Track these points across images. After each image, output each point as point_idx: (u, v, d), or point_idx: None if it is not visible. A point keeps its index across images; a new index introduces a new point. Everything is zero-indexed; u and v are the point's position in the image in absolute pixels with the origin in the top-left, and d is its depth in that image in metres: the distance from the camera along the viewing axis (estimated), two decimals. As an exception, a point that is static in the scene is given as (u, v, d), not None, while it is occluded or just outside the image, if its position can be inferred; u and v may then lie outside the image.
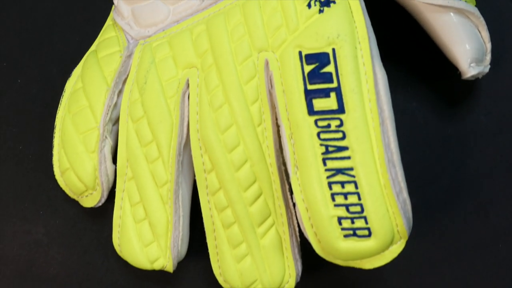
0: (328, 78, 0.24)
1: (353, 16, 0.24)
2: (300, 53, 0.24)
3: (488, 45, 0.28)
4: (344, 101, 0.23)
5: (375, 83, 0.23)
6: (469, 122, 0.30)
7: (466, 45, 0.27)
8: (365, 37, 0.24)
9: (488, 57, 0.28)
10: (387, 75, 0.24)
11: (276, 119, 0.25)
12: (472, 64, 0.28)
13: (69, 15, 0.33)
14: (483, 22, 0.28)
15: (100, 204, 0.28)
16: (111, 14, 0.31)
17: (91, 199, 0.28)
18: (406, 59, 0.31)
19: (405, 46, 0.31)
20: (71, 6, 0.33)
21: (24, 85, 0.32)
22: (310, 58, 0.24)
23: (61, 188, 0.29)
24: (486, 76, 0.29)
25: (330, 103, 0.23)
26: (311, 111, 0.24)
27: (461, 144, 0.30)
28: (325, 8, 0.24)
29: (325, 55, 0.24)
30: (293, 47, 0.24)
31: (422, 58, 0.31)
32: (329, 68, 0.24)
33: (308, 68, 0.24)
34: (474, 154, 0.30)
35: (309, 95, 0.24)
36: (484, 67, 0.28)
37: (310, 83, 0.24)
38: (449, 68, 0.29)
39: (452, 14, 0.27)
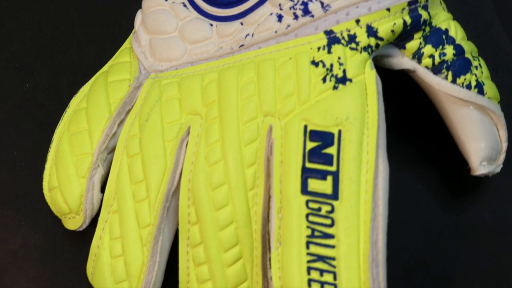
0: (328, 160, 0.23)
1: (367, 99, 0.23)
2: (305, 127, 0.23)
3: (504, 145, 0.27)
4: (340, 188, 0.22)
5: (375, 175, 0.22)
6: (471, 216, 0.29)
7: (481, 142, 0.26)
8: (375, 124, 0.23)
9: (502, 157, 0.27)
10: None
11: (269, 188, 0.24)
12: (483, 163, 0.26)
13: (88, 28, 0.32)
14: (504, 121, 0.27)
15: (81, 229, 0.28)
16: (130, 37, 0.30)
17: (73, 222, 0.28)
18: (420, 139, 0.30)
19: (421, 127, 0.30)
20: (93, 19, 0.32)
21: (31, 90, 0.32)
22: (314, 135, 0.23)
23: (47, 203, 0.28)
24: (497, 174, 0.28)
25: (325, 186, 0.23)
26: (304, 190, 0.23)
27: (458, 237, 0.29)
28: (340, 86, 0.24)
29: (330, 135, 0.23)
30: (300, 120, 0.24)
31: (436, 141, 0.30)
32: (331, 150, 0.23)
33: (310, 145, 0.23)
34: (469, 250, 0.29)
35: (306, 173, 0.23)
36: (496, 167, 0.27)
37: (309, 161, 0.23)
38: (461, 157, 0.28)
39: (472, 108, 0.26)
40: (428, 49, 0.26)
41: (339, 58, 0.24)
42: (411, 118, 0.30)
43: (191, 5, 0.28)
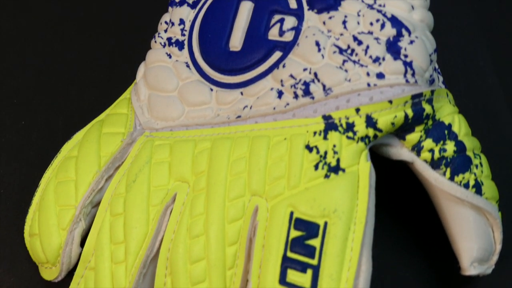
0: (310, 252, 0.22)
1: (358, 192, 0.23)
2: (291, 214, 0.23)
3: (498, 247, 0.26)
4: (319, 283, 0.22)
5: (356, 275, 0.22)
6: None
7: (474, 243, 0.25)
8: (363, 220, 0.22)
9: (495, 258, 0.26)
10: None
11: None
12: (474, 264, 0.26)
13: (92, 71, 0.32)
14: (500, 223, 0.26)
15: (56, 281, 0.27)
16: (131, 86, 0.30)
17: (49, 273, 0.27)
18: (413, 228, 0.29)
19: (414, 215, 0.30)
20: (97, 63, 0.32)
21: (26, 127, 0.31)
22: (299, 223, 0.22)
23: (26, 247, 0.28)
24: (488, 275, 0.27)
25: (304, 279, 0.22)
26: (282, 280, 0.22)
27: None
28: (332, 175, 0.23)
29: (315, 226, 0.22)
30: (287, 205, 0.23)
31: (429, 232, 0.29)
32: (315, 242, 0.22)
33: (294, 234, 0.22)
34: None
35: (286, 263, 0.22)
36: (487, 268, 0.26)
37: (291, 251, 0.22)
38: (453, 252, 0.27)
39: (468, 207, 0.25)
40: (428, 143, 0.25)
41: (334, 146, 0.23)
42: (405, 205, 0.30)
43: (194, 67, 0.27)
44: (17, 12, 0.33)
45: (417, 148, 0.25)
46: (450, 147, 0.25)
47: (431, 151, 0.25)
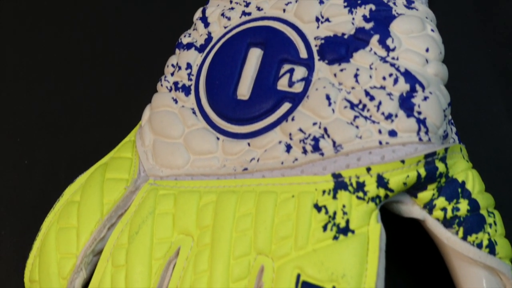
0: (317, 320, 0.21)
1: (367, 256, 0.22)
2: (298, 276, 0.22)
3: (510, 306, 0.25)
4: None
5: None
6: None
7: (485, 304, 0.25)
8: (372, 286, 0.21)
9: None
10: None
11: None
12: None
13: (96, 111, 0.31)
14: (513, 283, 0.25)
15: (55, 329, 0.26)
16: (136, 128, 0.29)
17: (49, 321, 0.27)
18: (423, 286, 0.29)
19: (426, 273, 0.29)
20: (102, 103, 0.32)
21: (29, 167, 0.31)
22: (306, 287, 0.22)
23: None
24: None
25: None
26: None
27: None
28: (341, 236, 0.22)
29: (323, 291, 0.21)
30: (294, 267, 0.22)
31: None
32: (322, 308, 0.21)
33: (300, 298, 0.22)
34: None
35: (292, 329, 0.21)
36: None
37: (297, 316, 0.21)
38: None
39: (481, 268, 0.25)
40: (441, 202, 0.24)
41: (343, 206, 0.22)
42: (415, 262, 0.29)
43: (200, 113, 0.27)
44: (22, 50, 0.32)
45: (429, 206, 0.24)
46: (463, 205, 0.24)
47: (444, 209, 0.24)
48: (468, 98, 0.30)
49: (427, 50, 0.25)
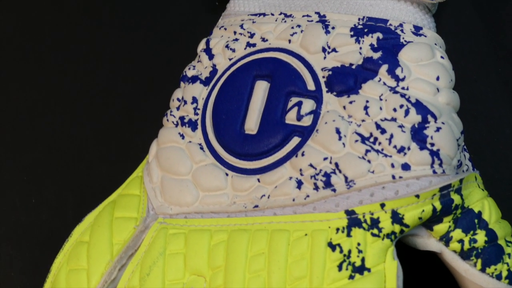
0: None
1: (384, 294, 0.21)
2: (315, 318, 0.21)
3: None
4: None
5: None
6: None
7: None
8: (390, 326, 0.21)
9: None
10: None
11: None
12: None
13: (103, 146, 0.31)
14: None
15: None
16: (143, 163, 0.29)
17: None
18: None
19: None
20: (108, 137, 0.31)
21: (36, 206, 0.30)
22: (323, 331, 0.21)
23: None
24: None
25: None
26: None
27: None
28: (357, 276, 0.22)
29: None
30: (310, 308, 0.22)
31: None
32: None
33: None
34: None
35: None
36: None
37: None
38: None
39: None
40: (457, 234, 0.23)
41: (358, 244, 0.22)
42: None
43: (208, 149, 0.26)
44: (27, 87, 0.32)
45: (445, 239, 0.24)
46: (480, 237, 0.24)
47: (461, 241, 0.24)
48: (479, 121, 0.29)
49: (437, 78, 0.24)
